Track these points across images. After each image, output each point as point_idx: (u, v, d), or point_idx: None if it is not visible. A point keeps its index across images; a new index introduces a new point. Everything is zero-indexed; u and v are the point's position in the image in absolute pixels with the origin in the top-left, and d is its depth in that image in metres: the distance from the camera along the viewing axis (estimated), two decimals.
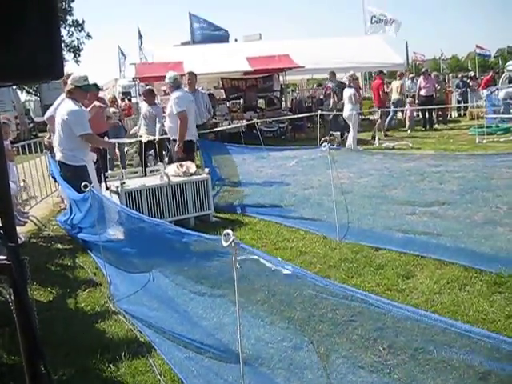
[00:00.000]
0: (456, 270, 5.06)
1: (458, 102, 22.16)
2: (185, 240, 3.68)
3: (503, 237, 5.76)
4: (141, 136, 10.44)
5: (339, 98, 15.43)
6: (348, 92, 14.17)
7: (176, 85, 8.50)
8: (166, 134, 9.41)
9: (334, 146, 12.33)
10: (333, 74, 16.48)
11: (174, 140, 8.44)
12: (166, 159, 9.70)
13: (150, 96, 11.28)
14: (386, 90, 17.91)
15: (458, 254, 5.35)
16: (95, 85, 9.46)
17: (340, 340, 3.48)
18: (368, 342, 3.43)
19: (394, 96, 18.41)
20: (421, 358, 3.07)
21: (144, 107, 11.09)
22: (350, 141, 13.98)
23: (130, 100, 17.92)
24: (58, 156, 6.91)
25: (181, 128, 8.21)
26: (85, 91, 6.88)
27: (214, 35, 25.84)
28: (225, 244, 2.46)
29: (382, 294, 4.66)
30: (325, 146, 6.17)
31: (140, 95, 16.37)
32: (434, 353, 3.03)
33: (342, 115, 14.40)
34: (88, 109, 7.20)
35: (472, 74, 26.09)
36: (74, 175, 6.61)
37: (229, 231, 2.49)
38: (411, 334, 2.89)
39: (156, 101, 12.62)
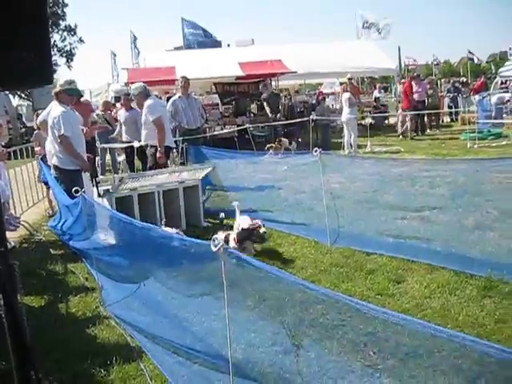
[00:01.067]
0: (446, 275, 5.08)
1: (449, 107, 22.27)
2: (174, 244, 3.68)
3: (493, 241, 5.78)
4: (124, 142, 10.42)
5: (276, 107, 16.01)
6: (344, 96, 14.52)
7: (144, 94, 8.48)
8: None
9: (279, 153, 12.61)
10: (264, 84, 16.73)
11: (152, 146, 8.34)
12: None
13: (126, 101, 11.27)
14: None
15: (449, 259, 5.36)
16: (77, 90, 9.48)
17: (330, 344, 3.49)
18: (358, 347, 3.45)
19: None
20: (410, 363, 3.09)
21: (122, 113, 11.07)
22: (352, 144, 14.31)
23: (115, 105, 17.61)
24: (54, 160, 6.92)
25: (160, 134, 8.15)
26: (69, 95, 6.96)
27: (206, 41, 25.91)
28: (214, 249, 2.47)
29: (373, 298, 4.67)
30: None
31: None
32: (423, 357, 3.05)
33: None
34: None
35: (464, 79, 26.28)
36: (68, 179, 6.63)
37: (217, 236, 2.50)
38: (401, 338, 2.91)
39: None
